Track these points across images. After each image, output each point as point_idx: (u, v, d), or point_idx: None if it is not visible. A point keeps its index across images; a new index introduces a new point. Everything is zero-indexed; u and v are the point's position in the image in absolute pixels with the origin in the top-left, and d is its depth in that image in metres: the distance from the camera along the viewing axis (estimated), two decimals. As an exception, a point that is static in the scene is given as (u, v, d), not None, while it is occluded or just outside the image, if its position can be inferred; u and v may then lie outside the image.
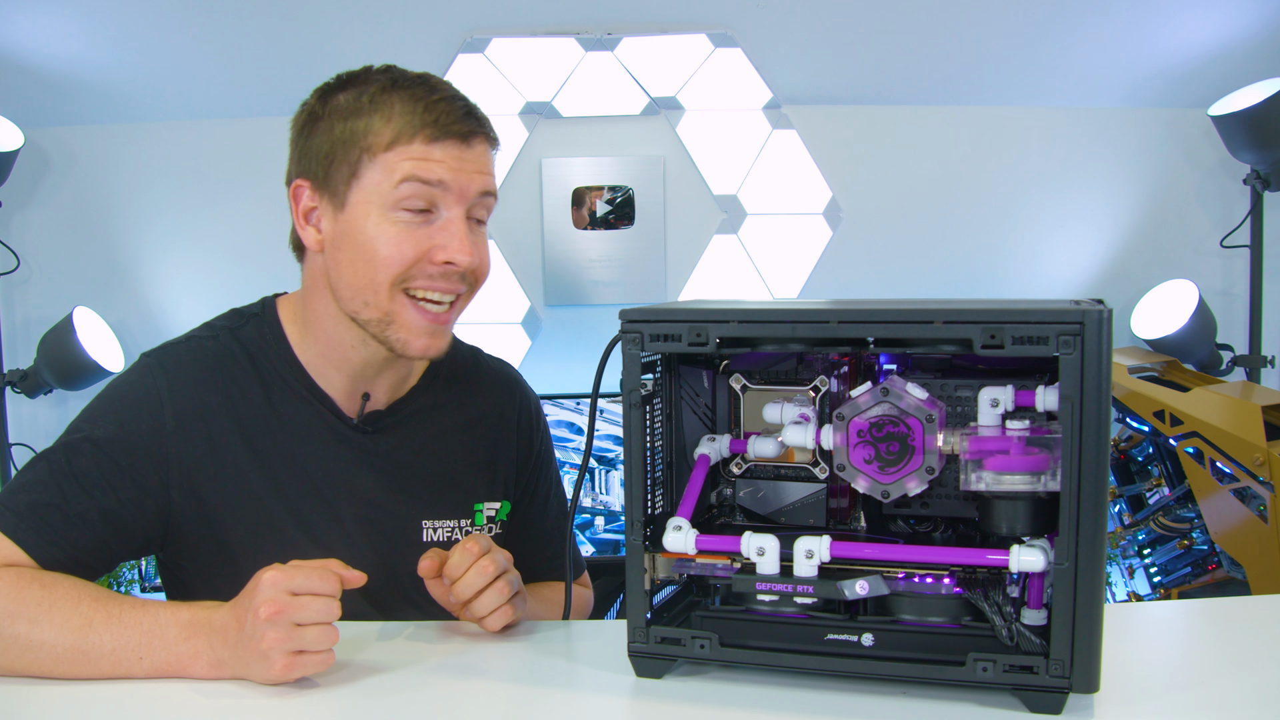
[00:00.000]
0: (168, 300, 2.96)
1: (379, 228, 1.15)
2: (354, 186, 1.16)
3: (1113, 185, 2.99)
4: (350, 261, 1.17)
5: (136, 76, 2.79)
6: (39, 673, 1.02)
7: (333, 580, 1.00)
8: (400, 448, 1.27)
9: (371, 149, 1.14)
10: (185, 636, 1.01)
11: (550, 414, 2.73)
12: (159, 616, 1.03)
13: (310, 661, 0.99)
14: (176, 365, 1.21)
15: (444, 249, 1.15)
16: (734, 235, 2.98)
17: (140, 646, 1.01)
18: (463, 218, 1.17)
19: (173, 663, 1.01)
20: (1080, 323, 0.85)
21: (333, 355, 1.23)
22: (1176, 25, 2.71)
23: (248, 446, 1.20)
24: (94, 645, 1.01)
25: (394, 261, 1.15)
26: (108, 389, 1.21)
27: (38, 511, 1.10)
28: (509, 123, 2.92)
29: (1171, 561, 2.46)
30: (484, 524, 1.32)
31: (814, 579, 0.95)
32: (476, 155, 1.17)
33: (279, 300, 1.28)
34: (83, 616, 1.02)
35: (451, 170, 1.15)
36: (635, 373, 0.98)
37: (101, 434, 1.15)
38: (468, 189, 1.16)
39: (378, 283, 1.15)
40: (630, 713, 0.96)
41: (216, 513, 1.19)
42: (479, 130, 1.18)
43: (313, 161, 1.18)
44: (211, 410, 1.19)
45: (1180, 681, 1.00)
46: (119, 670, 1.01)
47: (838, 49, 2.85)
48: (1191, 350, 2.78)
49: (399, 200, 1.14)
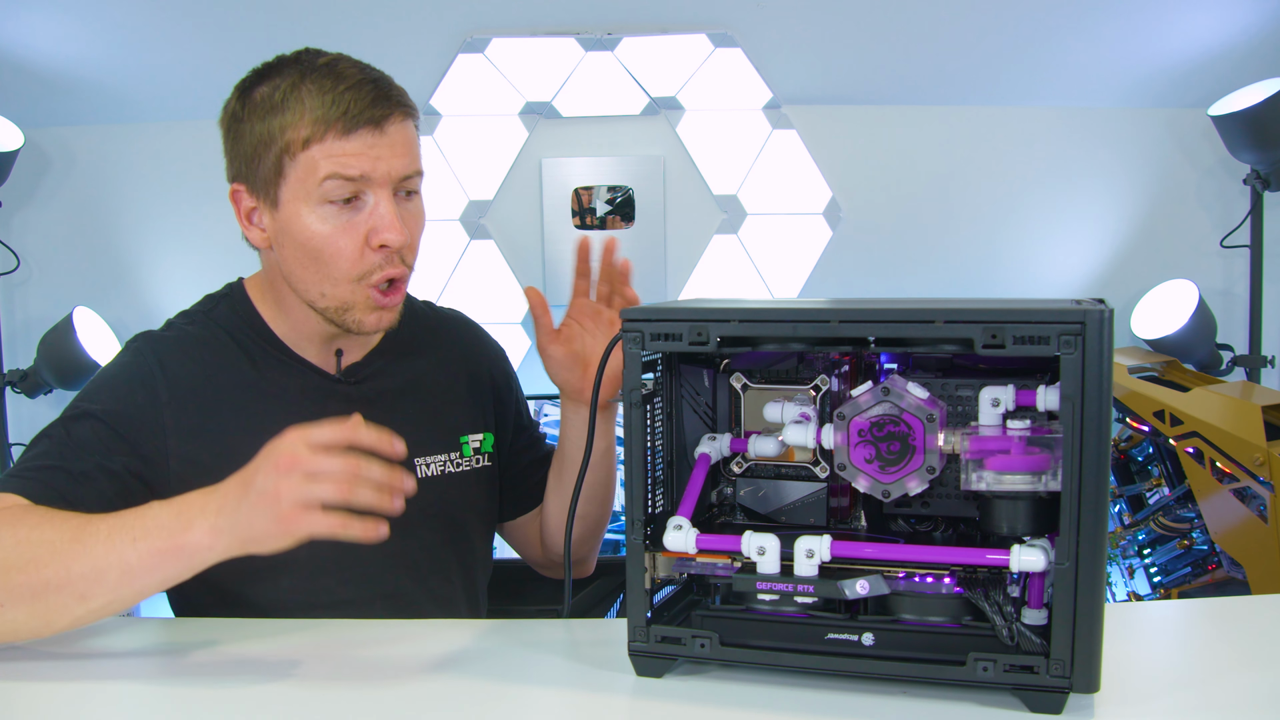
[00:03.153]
0: (168, 300, 2.96)
1: (313, 225, 1.18)
2: (282, 185, 1.19)
3: (1113, 185, 2.99)
4: (297, 259, 1.21)
5: (136, 76, 2.79)
6: (39, 572, 1.00)
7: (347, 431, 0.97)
8: (383, 393, 1.32)
9: (290, 148, 1.17)
10: (177, 512, 1.01)
11: (550, 414, 2.73)
12: (151, 505, 1.04)
13: (320, 520, 0.97)
14: (164, 345, 1.26)
15: (376, 233, 1.18)
16: (734, 235, 2.98)
17: (134, 529, 1.01)
18: (389, 199, 1.19)
19: (167, 538, 1.00)
20: (1081, 322, 0.85)
21: (303, 329, 1.28)
22: (1176, 25, 2.71)
23: (240, 414, 1.24)
24: (90, 534, 1.01)
25: (342, 257, 1.19)
26: (99, 373, 1.25)
27: (42, 474, 1.13)
28: (509, 123, 2.92)
29: (1171, 561, 2.46)
30: (470, 455, 1.37)
31: (814, 578, 0.95)
32: (392, 138, 1.18)
33: (245, 281, 1.33)
34: (80, 517, 1.05)
35: (370, 160, 1.17)
36: (635, 372, 0.98)
37: (100, 408, 1.19)
38: (389, 174, 1.18)
39: (332, 278, 1.20)
40: (630, 712, 0.96)
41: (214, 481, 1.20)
42: (391, 111, 1.18)
43: (242, 164, 1.21)
44: (202, 382, 1.24)
45: (1180, 681, 1.00)
46: (114, 554, 1.00)
47: (838, 49, 2.85)
48: (1191, 350, 2.78)
49: (324, 196, 1.17)
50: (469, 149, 2.93)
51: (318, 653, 1.08)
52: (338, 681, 1.01)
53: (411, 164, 1.21)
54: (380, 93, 1.18)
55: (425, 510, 1.29)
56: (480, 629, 1.16)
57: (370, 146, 1.17)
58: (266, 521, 0.97)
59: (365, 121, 1.16)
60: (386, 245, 1.18)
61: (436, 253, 2.96)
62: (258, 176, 1.20)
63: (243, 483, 1.00)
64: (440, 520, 1.33)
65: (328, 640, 1.13)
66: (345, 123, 1.15)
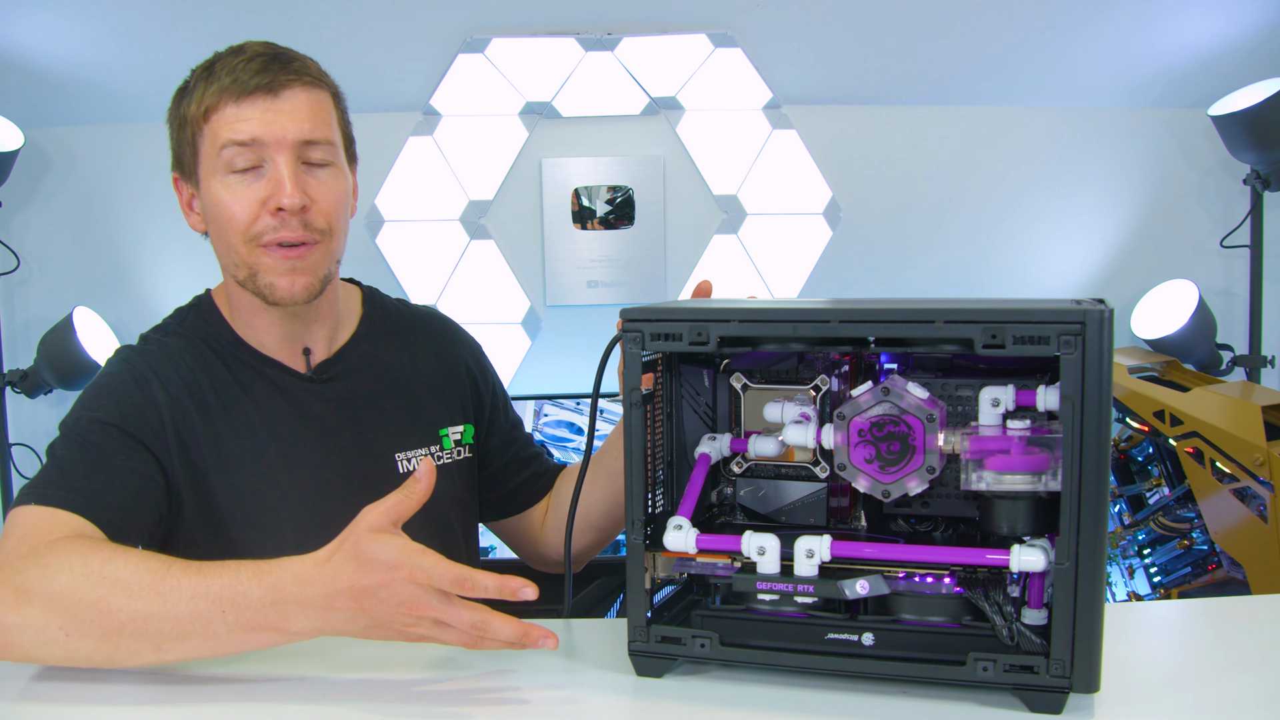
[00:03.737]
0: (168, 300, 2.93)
1: (220, 194, 1.21)
2: (199, 163, 1.23)
3: (1113, 185, 2.99)
4: (216, 232, 1.25)
5: (136, 76, 2.78)
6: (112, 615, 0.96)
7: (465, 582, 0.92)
8: (357, 390, 1.33)
9: (198, 123, 1.22)
10: (273, 600, 0.95)
11: (550, 414, 2.73)
12: (238, 575, 0.96)
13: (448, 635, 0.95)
14: (149, 353, 1.27)
15: (273, 198, 1.20)
16: (734, 235, 2.98)
17: (220, 600, 0.95)
18: (290, 164, 1.20)
19: (259, 621, 0.95)
20: (1081, 322, 0.85)
21: (256, 322, 1.29)
22: (1176, 25, 2.71)
23: (226, 416, 1.25)
24: (170, 588, 0.96)
25: (237, 220, 1.21)
26: (94, 382, 1.26)
27: (78, 482, 1.12)
28: (509, 123, 2.92)
29: (1171, 561, 2.46)
30: (451, 447, 1.37)
31: (814, 578, 0.95)
32: (289, 103, 1.21)
33: (212, 291, 1.35)
34: (156, 560, 0.99)
35: (262, 125, 1.19)
36: (636, 372, 0.98)
37: (101, 413, 1.19)
38: (283, 138, 1.20)
39: (233, 244, 1.22)
40: (630, 712, 0.96)
41: (207, 482, 1.23)
42: (286, 79, 1.21)
43: (176, 152, 1.27)
44: (191, 385, 1.25)
45: (1180, 681, 1.00)
46: (198, 620, 0.95)
47: (838, 49, 2.85)
48: (1191, 350, 2.78)
49: (226, 164, 1.20)
50: (469, 149, 2.93)
51: (315, 650, 1.08)
52: (337, 681, 1.01)
53: (313, 130, 1.21)
54: (278, 64, 1.21)
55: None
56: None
57: (263, 111, 1.19)
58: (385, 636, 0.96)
59: (256, 88, 1.19)
60: (282, 209, 1.20)
61: (436, 253, 2.97)
62: (184, 161, 1.25)
63: (358, 600, 0.93)
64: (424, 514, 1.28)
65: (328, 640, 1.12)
66: (237, 89, 1.19)
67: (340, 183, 1.26)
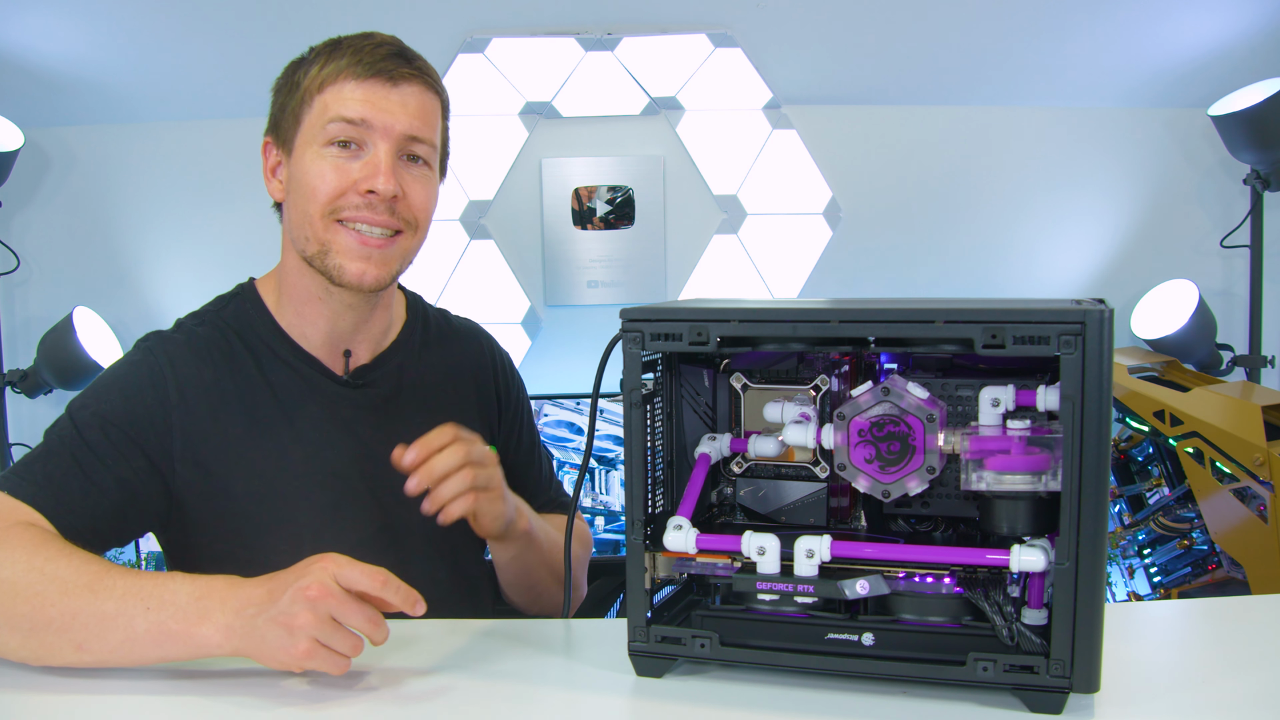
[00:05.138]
0: (168, 300, 2.96)
1: (312, 164, 1.21)
2: (298, 132, 1.23)
3: (1113, 185, 2.99)
4: (295, 202, 1.24)
5: (136, 76, 2.78)
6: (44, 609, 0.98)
7: (379, 580, 0.97)
8: (391, 399, 1.32)
9: (308, 93, 1.22)
10: (197, 597, 0.98)
11: (550, 414, 2.73)
12: (174, 578, 1.01)
13: (329, 658, 0.96)
14: (175, 346, 1.25)
15: (367, 179, 1.20)
16: (734, 235, 2.98)
17: (149, 597, 0.98)
18: (390, 153, 1.21)
19: (179, 621, 0.98)
20: (1081, 322, 0.85)
21: (306, 312, 1.28)
22: (1176, 25, 2.71)
23: (247, 417, 1.23)
24: (105, 586, 0.99)
25: (320, 192, 1.20)
26: (109, 369, 1.25)
27: (54, 480, 1.12)
28: (509, 123, 2.92)
29: (1171, 561, 2.46)
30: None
31: (814, 578, 0.95)
32: (404, 96, 1.22)
33: (256, 281, 1.34)
34: (102, 563, 1.03)
35: (375, 109, 1.20)
36: (636, 372, 0.98)
37: (108, 408, 1.19)
38: (392, 127, 1.21)
39: (311, 215, 1.21)
40: (630, 712, 0.96)
41: (221, 484, 1.21)
42: (408, 73, 1.22)
43: (275, 116, 1.26)
44: (210, 385, 1.23)
45: (1180, 681, 1.00)
46: (122, 616, 0.98)
47: (838, 49, 2.85)
48: (1191, 350, 2.78)
49: (329, 137, 1.20)
50: (469, 149, 2.93)
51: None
52: (334, 681, 1.01)
53: (420, 127, 1.23)
54: (403, 57, 1.22)
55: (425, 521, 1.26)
56: (480, 629, 1.16)
57: (379, 96, 1.20)
58: (276, 647, 0.96)
59: (378, 72, 1.20)
60: (374, 191, 1.20)
61: (436, 253, 2.96)
62: (281, 127, 1.25)
63: (269, 593, 0.97)
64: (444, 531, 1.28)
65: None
66: (359, 69, 1.20)
67: (432, 184, 1.28)
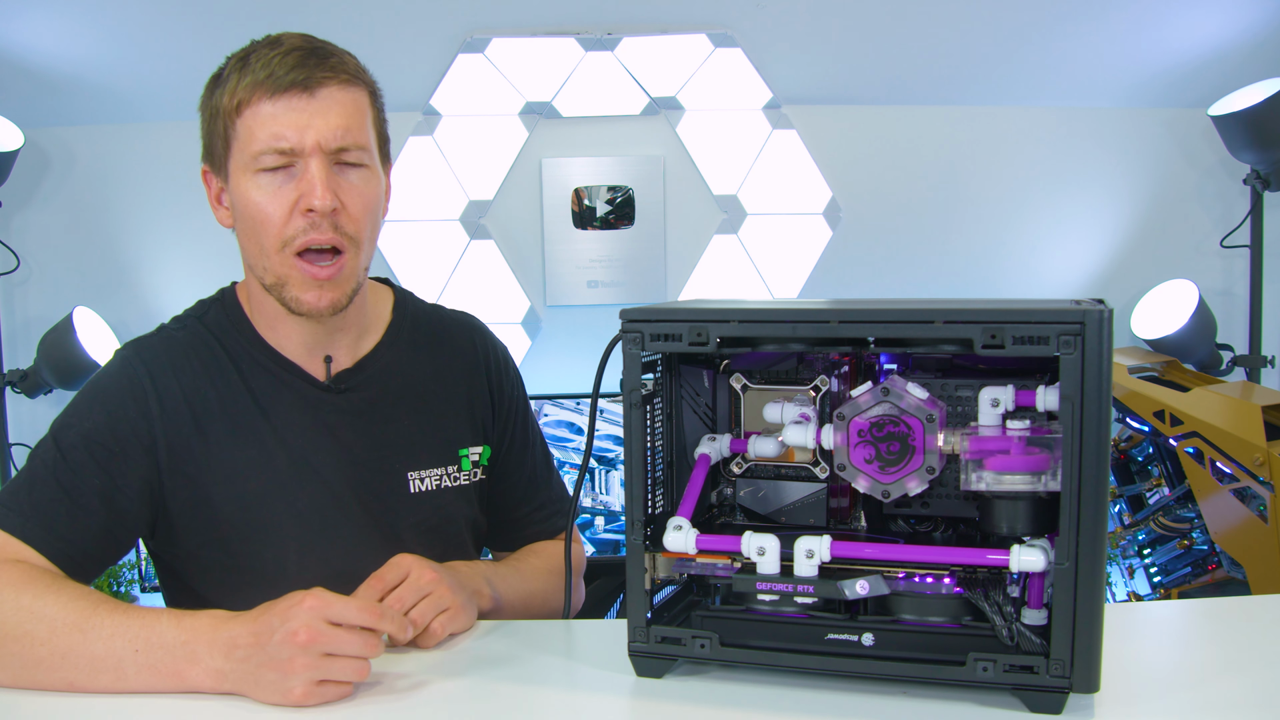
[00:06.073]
0: (168, 300, 2.96)
1: (251, 193, 1.17)
2: (230, 157, 1.18)
3: (1113, 185, 2.99)
4: (245, 231, 1.20)
5: (136, 76, 2.78)
6: (33, 648, 0.99)
7: (374, 615, 0.98)
8: (375, 403, 1.28)
9: (230, 116, 1.16)
10: (184, 640, 0.99)
11: (550, 414, 2.73)
12: (160, 618, 1.01)
13: (331, 690, 0.97)
14: (153, 355, 1.23)
15: (304, 198, 1.15)
16: (734, 235, 2.98)
17: (136, 639, 0.99)
18: (322, 165, 1.15)
19: (168, 663, 0.98)
20: (1081, 323, 0.85)
21: (278, 325, 1.25)
22: (1176, 25, 2.71)
23: (230, 425, 1.21)
24: (93, 626, 1.00)
25: (270, 223, 1.16)
26: (90, 383, 1.22)
27: (41, 508, 1.11)
28: (509, 123, 2.92)
29: (1171, 561, 2.46)
30: (469, 468, 1.32)
31: (814, 579, 0.95)
32: (324, 105, 1.16)
33: (237, 286, 1.31)
34: (90, 600, 1.03)
35: (296, 127, 1.14)
36: (635, 372, 0.98)
37: (90, 425, 1.17)
38: (316, 144, 1.15)
39: (266, 248, 1.18)
40: (630, 713, 0.96)
41: (206, 494, 1.20)
42: (323, 76, 1.16)
43: (205, 143, 1.22)
44: (192, 394, 1.21)
45: (1180, 681, 1.00)
46: (111, 658, 0.99)
47: (838, 49, 2.85)
48: (1191, 350, 2.78)
49: (259, 164, 1.16)
50: (469, 149, 2.93)
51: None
52: (338, 682, 1.01)
53: (345, 134, 1.16)
54: (315, 59, 1.16)
55: (419, 525, 1.26)
56: (481, 629, 1.16)
57: (296, 111, 1.14)
58: (271, 690, 0.96)
59: (291, 85, 1.14)
60: (312, 210, 1.15)
61: (436, 253, 2.96)
62: (215, 153, 1.20)
63: (256, 635, 0.97)
64: (435, 535, 1.28)
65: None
66: (271, 85, 1.14)
67: (372, 185, 1.21)
